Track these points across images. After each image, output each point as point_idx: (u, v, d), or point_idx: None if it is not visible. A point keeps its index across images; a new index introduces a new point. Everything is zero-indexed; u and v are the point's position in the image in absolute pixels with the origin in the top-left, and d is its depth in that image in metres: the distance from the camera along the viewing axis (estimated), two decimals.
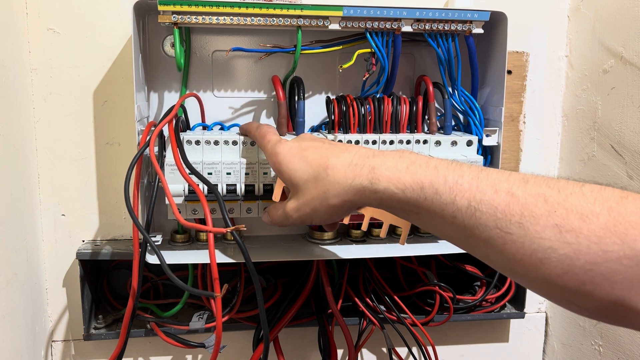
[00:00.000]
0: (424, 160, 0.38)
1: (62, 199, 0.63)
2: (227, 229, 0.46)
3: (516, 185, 0.34)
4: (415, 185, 0.37)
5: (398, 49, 0.60)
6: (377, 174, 0.39)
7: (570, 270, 0.31)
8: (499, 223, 0.33)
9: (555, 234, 0.31)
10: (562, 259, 0.31)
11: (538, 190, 0.33)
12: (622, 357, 0.63)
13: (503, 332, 0.77)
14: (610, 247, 0.30)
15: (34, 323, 0.62)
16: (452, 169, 0.36)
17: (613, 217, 0.30)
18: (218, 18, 0.55)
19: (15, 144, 0.57)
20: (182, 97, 0.60)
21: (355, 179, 0.40)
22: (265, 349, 0.52)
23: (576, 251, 0.31)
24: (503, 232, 0.33)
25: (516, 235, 0.32)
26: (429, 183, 0.36)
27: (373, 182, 0.39)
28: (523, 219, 0.32)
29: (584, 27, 0.68)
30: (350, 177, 0.40)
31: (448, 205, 0.35)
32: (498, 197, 0.33)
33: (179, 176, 0.53)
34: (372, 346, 0.73)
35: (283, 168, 0.45)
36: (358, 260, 0.67)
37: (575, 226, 0.31)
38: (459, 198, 0.35)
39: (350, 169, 0.40)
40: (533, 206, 0.32)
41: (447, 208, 0.35)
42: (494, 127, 0.62)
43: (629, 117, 0.61)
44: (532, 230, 0.32)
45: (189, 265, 0.61)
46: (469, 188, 0.35)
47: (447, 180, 0.36)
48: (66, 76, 0.61)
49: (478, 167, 0.37)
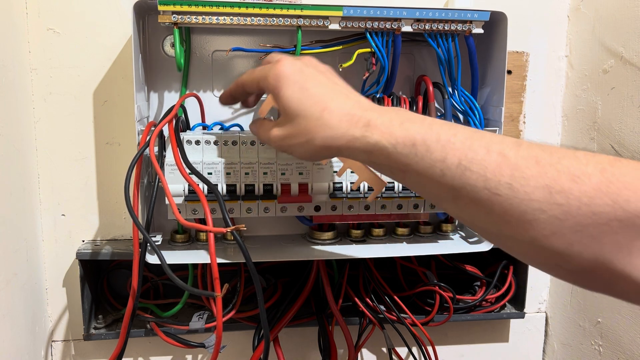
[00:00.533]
0: (419, 118, 0.38)
1: (62, 199, 0.63)
2: (227, 229, 0.46)
3: (509, 147, 0.33)
4: (407, 141, 0.36)
5: (398, 49, 0.60)
6: (371, 127, 0.38)
7: (559, 231, 0.31)
8: (488, 183, 0.33)
9: (545, 195, 0.31)
10: (551, 220, 0.31)
11: (530, 153, 0.32)
12: (622, 357, 0.63)
13: (503, 332, 0.77)
14: (602, 208, 0.29)
15: (34, 323, 0.62)
16: (447, 127, 0.36)
17: (606, 177, 0.30)
18: (218, 18, 0.55)
19: (15, 144, 0.57)
20: (182, 97, 0.60)
21: (349, 128, 0.39)
22: (265, 349, 0.52)
23: (566, 212, 0.30)
24: (492, 192, 0.33)
25: (505, 196, 0.32)
26: (422, 139, 0.36)
27: (366, 134, 0.38)
28: (513, 180, 0.32)
29: (584, 27, 0.68)
30: (344, 126, 0.39)
31: (438, 162, 0.35)
32: (489, 157, 0.33)
33: (179, 176, 0.53)
34: (372, 346, 0.73)
35: (279, 93, 0.43)
36: (358, 260, 0.67)
37: (566, 187, 0.30)
38: (450, 156, 0.34)
39: (346, 117, 0.40)
40: (524, 167, 0.32)
41: (437, 165, 0.35)
42: (494, 127, 0.62)
43: (629, 117, 0.61)
44: (521, 191, 0.32)
45: (189, 265, 0.61)
46: (461, 147, 0.34)
47: (440, 138, 0.35)
48: (66, 76, 0.61)
49: (472, 128, 0.36)
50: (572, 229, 0.30)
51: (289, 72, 0.43)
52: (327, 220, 0.62)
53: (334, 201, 0.60)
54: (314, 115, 0.41)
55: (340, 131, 0.40)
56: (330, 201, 0.60)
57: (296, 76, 0.43)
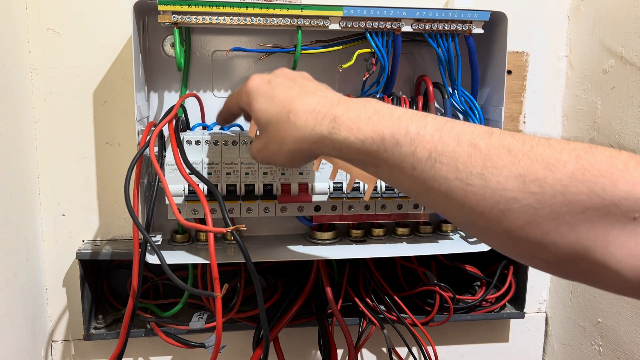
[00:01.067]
0: (388, 110, 0.37)
1: (62, 199, 0.63)
2: (227, 229, 0.46)
3: (480, 137, 0.33)
4: (375, 136, 0.35)
5: (398, 49, 0.60)
6: (337, 124, 0.37)
7: (534, 220, 0.30)
8: (459, 175, 0.32)
9: (519, 184, 0.30)
10: (526, 209, 0.30)
11: (502, 142, 0.32)
12: (622, 357, 0.63)
13: (503, 332, 0.77)
14: (577, 196, 0.29)
15: (34, 323, 0.62)
16: (416, 120, 0.35)
17: (581, 165, 0.29)
18: (218, 18, 0.55)
19: (15, 144, 0.57)
20: (182, 97, 0.60)
21: (315, 127, 0.39)
22: (265, 349, 0.52)
23: (540, 201, 0.30)
24: (464, 183, 0.32)
25: (477, 186, 0.32)
26: (390, 134, 0.35)
27: (333, 132, 0.38)
28: (485, 170, 0.31)
29: (584, 27, 0.68)
30: (310, 124, 0.39)
31: (408, 156, 0.34)
32: (460, 148, 0.33)
33: (179, 176, 0.53)
34: (372, 346, 0.73)
35: (251, 107, 0.44)
36: (358, 260, 0.67)
37: (540, 175, 0.30)
38: (420, 149, 0.34)
39: (312, 115, 0.39)
40: (496, 157, 0.31)
41: (407, 159, 0.34)
42: (494, 127, 0.62)
43: (629, 117, 0.61)
44: (494, 181, 0.31)
45: (189, 265, 0.61)
46: (430, 139, 0.34)
47: (409, 131, 0.34)
48: (66, 76, 0.61)
49: (444, 119, 0.35)
50: (547, 217, 0.30)
51: (257, 86, 0.44)
52: (327, 220, 0.62)
53: (334, 201, 0.60)
54: (282, 119, 0.41)
55: (307, 130, 0.39)
56: (330, 201, 0.60)
57: (264, 88, 0.44)
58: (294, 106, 0.40)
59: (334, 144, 0.38)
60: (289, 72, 0.47)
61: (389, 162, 0.35)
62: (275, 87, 0.43)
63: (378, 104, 0.38)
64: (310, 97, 0.41)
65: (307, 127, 0.39)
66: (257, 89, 0.44)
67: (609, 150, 0.30)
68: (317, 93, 0.42)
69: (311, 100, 0.40)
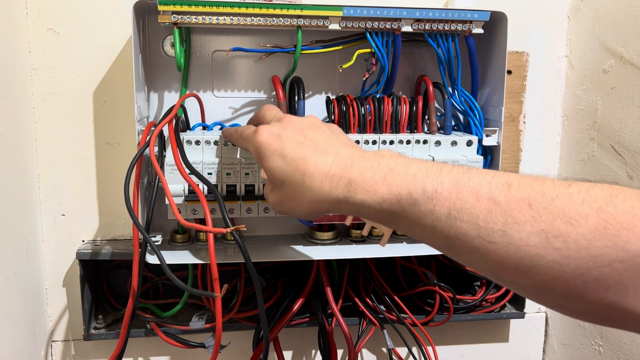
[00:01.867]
0: (402, 167, 0.36)
1: (62, 199, 0.63)
2: (227, 229, 0.46)
3: (498, 191, 0.32)
4: (392, 198, 0.35)
5: (398, 49, 0.60)
6: (353, 187, 0.37)
7: (561, 276, 0.29)
8: (481, 232, 0.32)
9: (542, 240, 0.30)
10: (551, 265, 0.29)
11: (522, 195, 0.31)
12: (622, 357, 0.63)
13: (503, 332, 0.77)
14: (601, 250, 0.28)
15: (34, 323, 0.62)
16: (432, 175, 0.34)
17: (603, 218, 0.28)
18: (218, 18, 0.55)
19: (15, 144, 0.57)
20: (182, 97, 0.60)
21: (331, 191, 0.39)
22: (265, 349, 0.52)
23: (565, 257, 0.29)
24: (486, 241, 0.31)
25: (500, 244, 0.31)
26: (407, 193, 0.35)
27: (349, 195, 0.38)
28: (506, 227, 0.31)
29: (584, 27, 0.68)
30: (326, 188, 0.39)
31: (427, 215, 0.34)
32: (479, 204, 0.32)
33: (179, 176, 0.53)
34: (372, 346, 0.73)
35: (263, 164, 0.44)
36: (358, 260, 0.67)
37: (563, 230, 0.29)
38: (438, 207, 0.33)
39: (327, 179, 0.39)
40: (517, 212, 0.31)
41: (426, 218, 0.34)
42: (494, 127, 0.62)
43: (629, 117, 0.61)
44: (516, 237, 0.30)
45: (189, 265, 0.61)
46: (448, 196, 0.33)
47: (426, 189, 0.34)
48: (66, 76, 0.61)
49: (460, 169, 0.34)
50: (574, 273, 0.29)
51: (267, 142, 0.43)
52: (327, 220, 0.62)
53: None
54: (297, 182, 0.41)
55: (323, 194, 0.39)
56: None
57: (274, 144, 0.43)
58: (308, 168, 0.40)
59: (351, 206, 0.38)
60: (297, 122, 0.46)
61: (408, 221, 0.35)
62: (287, 144, 0.43)
63: (391, 160, 0.37)
64: (324, 157, 0.40)
65: (324, 191, 0.39)
66: (267, 146, 0.43)
67: (631, 199, 0.29)
68: (329, 150, 0.41)
69: (324, 160, 0.40)
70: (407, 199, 0.35)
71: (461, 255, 0.34)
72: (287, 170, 0.42)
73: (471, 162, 0.60)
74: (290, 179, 0.41)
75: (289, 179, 0.41)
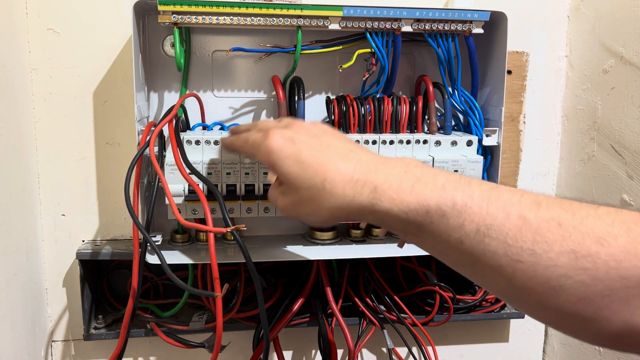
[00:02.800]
0: (430, 177, 0.35)
1: (62, 199, 0.63)
2: (227, 229, 0.46)
3: (528, 209, 0.31)
4: (420, 208, 0.34)
5: (398, 49, 0.60)
6: (379, 194, 0.35)
7: (587, 296, 0.29)
8: (509, 250, 0.31)
9: (570, 261, 0.29)
10: (578, 286, 0.29)
11: (551, 214, 0.30)
12: (622, 357, 0.63)
13: (503, 332, 0.77)
14: (630, 271, 0.28)
15: (34, 323, 0.62)
16: (462, 188, 0.33)
17: (633, 238, 0.28)
18: (218, 18, 0.55)
19: (15, 144, 0.57)
20: (182, 97, 0.60)
21: (354, 197, 0.36)
22: (265, 349, 0.52)
23: (593, 277, 0.29)
24: (513, 260, 0.31)
25: (528, 263, 0.30)
26: (436, 205, 0.33)
27: (374, 202, 0.36)
28: (535, 245, 0.30)
29: (584, 27, 0.68)
30: (349, 194, 0.37)
31: (455, 229, 0.32)
32: (509, 221, 0.31)
33: (179, 176, 0.53)
34: (372, 346, 0.73)
35: (277, 169, 0.41)
36: (358, 260, 0.67)
37: (592, 251, 0.29)
38: (468, 222, 0.32)
39: (350, 185, 0.37)
40: (546, 231, 0.30)
41: (454, 232, 0.33)
42: (494, 127, 0.62)
43: (629, 117, 0.61)
44: (545, 257, 0.30)
45: (189, 265, 0.61)
46: (478, 211, 0.32)
47: (456, 202, 0.33)
48: (66, 76, 0.61)
49: (488, 185, 0.33)
50: (600, 293, 0.29)
51: (280, 146, 0.41)
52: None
53: None
54: (316, 187, 0.38)
55: (346, 200, 0.37)
56: None
57: (288, 149, 0.40)
58: (328, 173, 0.38)
59: (375, 214, 0.36)
60: (309, 128, 0.43)
61: (434, 234, 0.34)
62: (302, 148, 0.40)
63: (418, 169, 0.36)
64: (345, 163, 0.38)
65: (346, 197, 0.37)
66: (280, 150, 0.41)
67: None
68: (349, 155, 0.39)
69: (346, 165, 0.38)
70: (435, 211, 0.33)
71: (484, 274, 0.33)
72: (304, 176, 0.39)
73: (471, 162, 0.60)
74: (307, 184, 0.39)
75: (305, 184, 0.39)
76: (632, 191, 0.61)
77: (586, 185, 0.68)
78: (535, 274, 0.30)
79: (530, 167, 0.72)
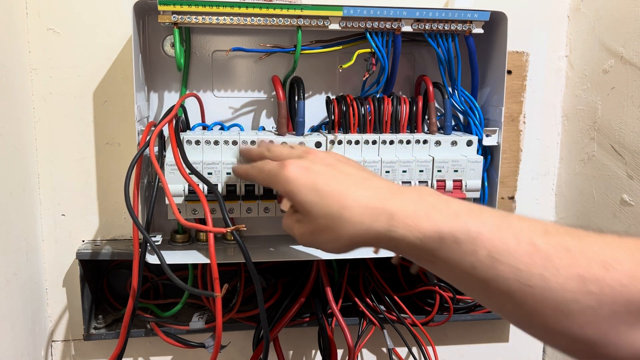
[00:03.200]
0: (443, 204, 0.36)
1: (62, 199, 0.63)
2: (227, 229, 0.46)
3: (537, 235, 0.32)
4: (434, 235, 0.35)
5: (398, 49, 0.60)
6: (395, 221, 0.36)
7: (594, 320, 0.30)
8: (520, 275, 0.32)
9: (578, 285, 0.30)
10: (586, 310, 0.30)
11: (560, 240, 0.32)
12: None
13: (503, 332, 0.77)
14: (635, 295, 0.29)
15: (34, 323, 0.62)
16: (474, 215, 0.34)
17: (636, 262, 0.29)
18: (218, 18, 0.55)
19: (15, 144, 0.57)
20: (182, 97, 0.60)
21: (372, 224, 0.37)
22: (265, 349, 0.52)
23: (600, 301, 0.29)
24: (524, 285, 0.31)
25: (537, 287, 0.31)
26: (449, 232, 0.34)
27: (390, 229, 0.36)
28: (545, 271, 0.31)
29: (584, 27, 0.68)
30: (367, 221, 0.38)
31: (467, 255, 0.33)
32: (520, 247, 0.32)
33: (179, 176, 0.53)
34: (372, 346, 0.73)
35: (294, 199, 0.42)
36: (358, 260, 0.67)
37: (599, 275, 0.30)
38: (480, 248, 0.33)
39: (367, 212, 0.38)
40: (555, 257, 0.31)
41: (467, 258, 0.33)
42: (494, 127, 0.62)
43: (629, 117, 0.61)
44: (554, 282, 0.31)
45: (189, 265, 0.61)
46: (490, 237, 0.33)
47: (469, 229, 0.34)
48: (66, 76, 0.61)
49: (499, 213, 0.35)
50: (607, 317, 0.30)
51: (297, 176, 0.42)
52: None
53: None
54: (334, 215, 0.39)
55: (363, 227, 0.38)
56: None
57: (304, 178, 0.41)
58: (346, 202, 0.39)
59: (390, 241, 0.37)
60: (324, 157, 0.45)
61: (448, 260, 0.35)
62: (319, 178, 0.41)
63: (431, 196, 0.37)
64: (361, 190, 0.39)
65: (363, 224, 0.38)
66: (297, 179, 0.42)
67: None
68: (364, 183, 0.40)
69: (362, 193, 0.39)
70: (449, 237, 0.34)
71: (494, 300, 0.34)
72: (321, 204, 0.40)
73: (471, 162, 0.60)
74: (325, 213, 0.40)
75: (322, 212, 0.40)
76: (632, 191, 0.61)
77: (586, 185, 0.68)
78: (544, 298, 0.31)
79: (530, 167, 0.72)
